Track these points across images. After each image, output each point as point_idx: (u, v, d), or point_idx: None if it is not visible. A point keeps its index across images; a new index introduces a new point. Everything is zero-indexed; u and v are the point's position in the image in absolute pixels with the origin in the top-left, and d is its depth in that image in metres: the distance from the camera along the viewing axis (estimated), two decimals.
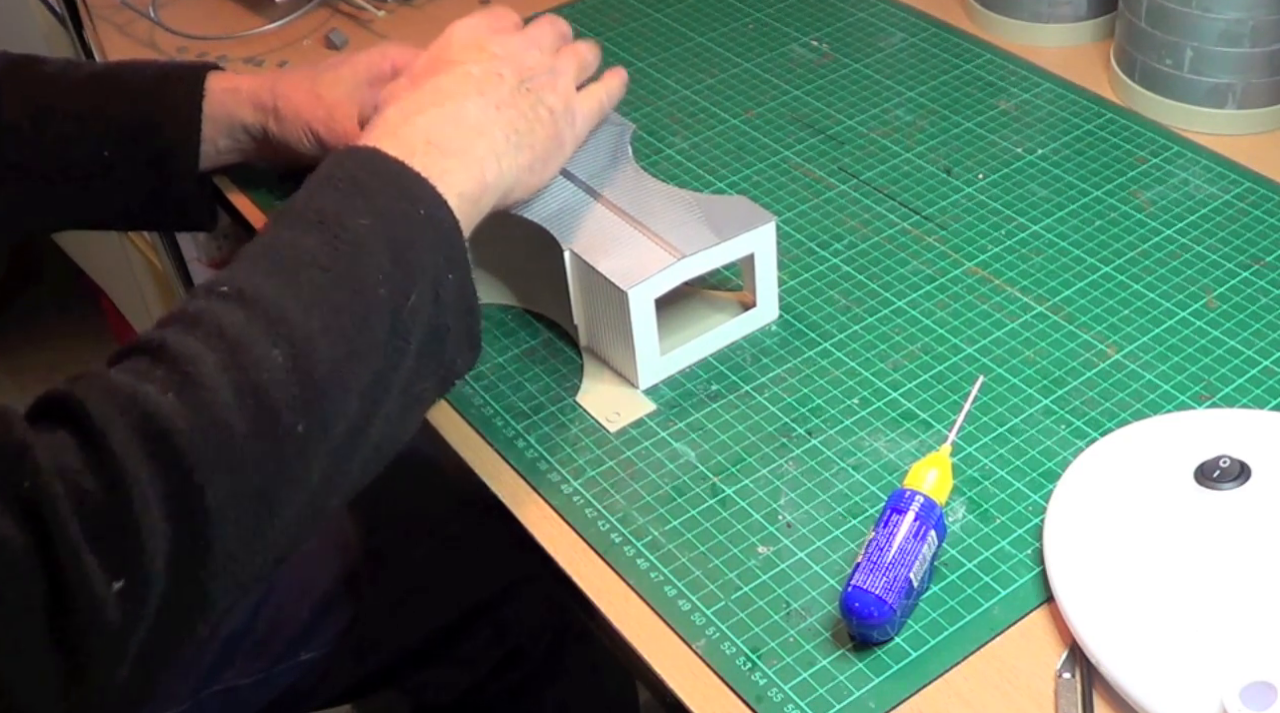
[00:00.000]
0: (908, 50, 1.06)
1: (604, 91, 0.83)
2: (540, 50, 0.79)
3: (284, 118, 0.89)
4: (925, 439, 0.74)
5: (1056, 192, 0.90)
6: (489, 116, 0.73)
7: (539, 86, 0.77)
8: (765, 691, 0.63)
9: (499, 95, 0.74)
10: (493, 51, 0.76)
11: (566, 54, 0.81)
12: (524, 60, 0.77)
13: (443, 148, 0.70)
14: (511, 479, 0.75)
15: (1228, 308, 0.80)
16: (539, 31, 0.81)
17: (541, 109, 0.76)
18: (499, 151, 0.73)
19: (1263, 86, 0.92)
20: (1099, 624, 0.62)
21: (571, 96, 0.79)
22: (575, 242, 0.78)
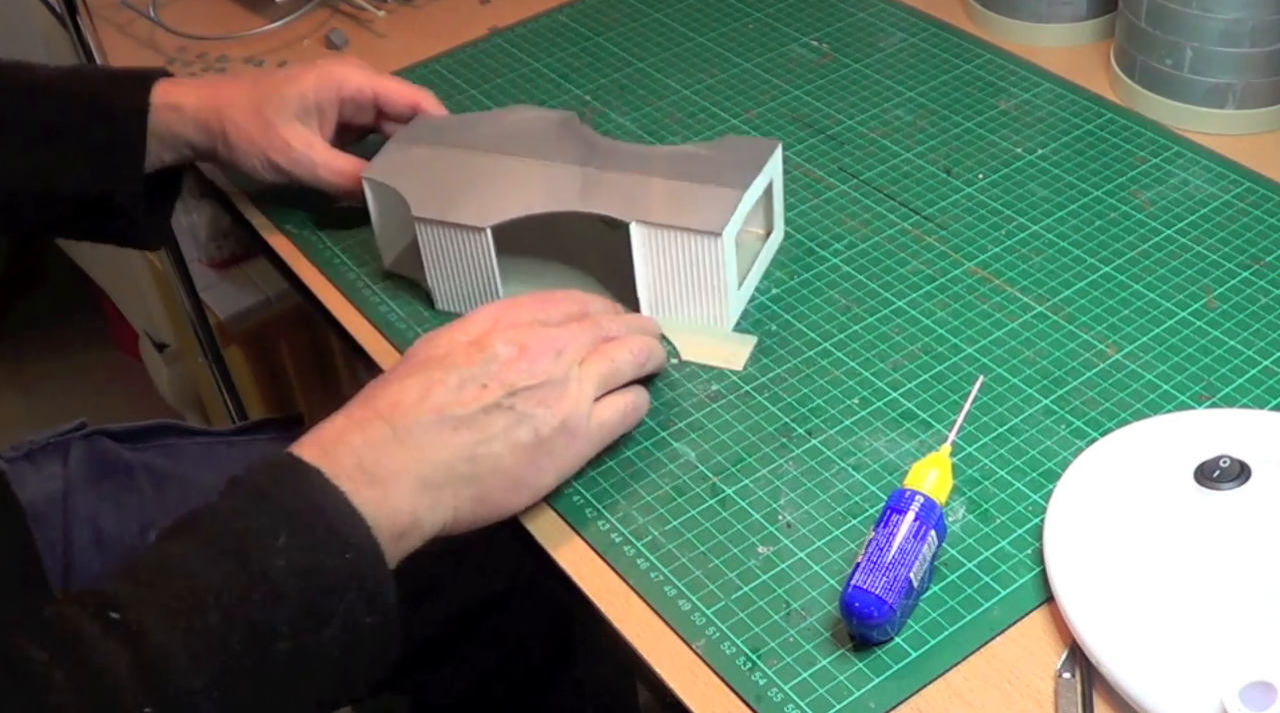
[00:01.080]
0: (908, 50, 1.06)
1: (631, 399, 0.73)
2: (565, 352, 0.70)
3: (235, 146, 0.88)
4: (925, 439, 0.74)
5: (1056, 192, 0.90)
6: (439, 438, 0.66)
7: (534, 401, 0.68)
8: (765, 691, 0.63)
9: (463, 413, 0.66)
10: (495, 351, 0.68)
11: (601, 357, 0.72)
12: (532, 366, 0.68)
13: (373, 474, 0.63)
14: None
15: (1228, 308, 0.80)
16: (572, 332, 0.71)
17: (520, 431, 0.67)
18: (441, 481, 0.65)
19: (1263, 86, 0.92)
20: (1099, 624, 0.62)
21: (580, 413, 0.70)
22: (632, 214, 0.79)
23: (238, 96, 0.89)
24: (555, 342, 0.70)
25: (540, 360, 0.68)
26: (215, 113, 0.88)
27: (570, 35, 1.13)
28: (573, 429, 0.69)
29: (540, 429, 0.68)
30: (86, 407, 1.57)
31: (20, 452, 0.91)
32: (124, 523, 0.89)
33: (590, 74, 1.08)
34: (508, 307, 0.72)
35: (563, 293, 0.75)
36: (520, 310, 0.72)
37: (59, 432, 0.93)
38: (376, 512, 0.62)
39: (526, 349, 0.68)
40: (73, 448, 0.92)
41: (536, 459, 0.68)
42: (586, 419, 0.70)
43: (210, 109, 0.88)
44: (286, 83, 0.88)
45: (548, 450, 0.68)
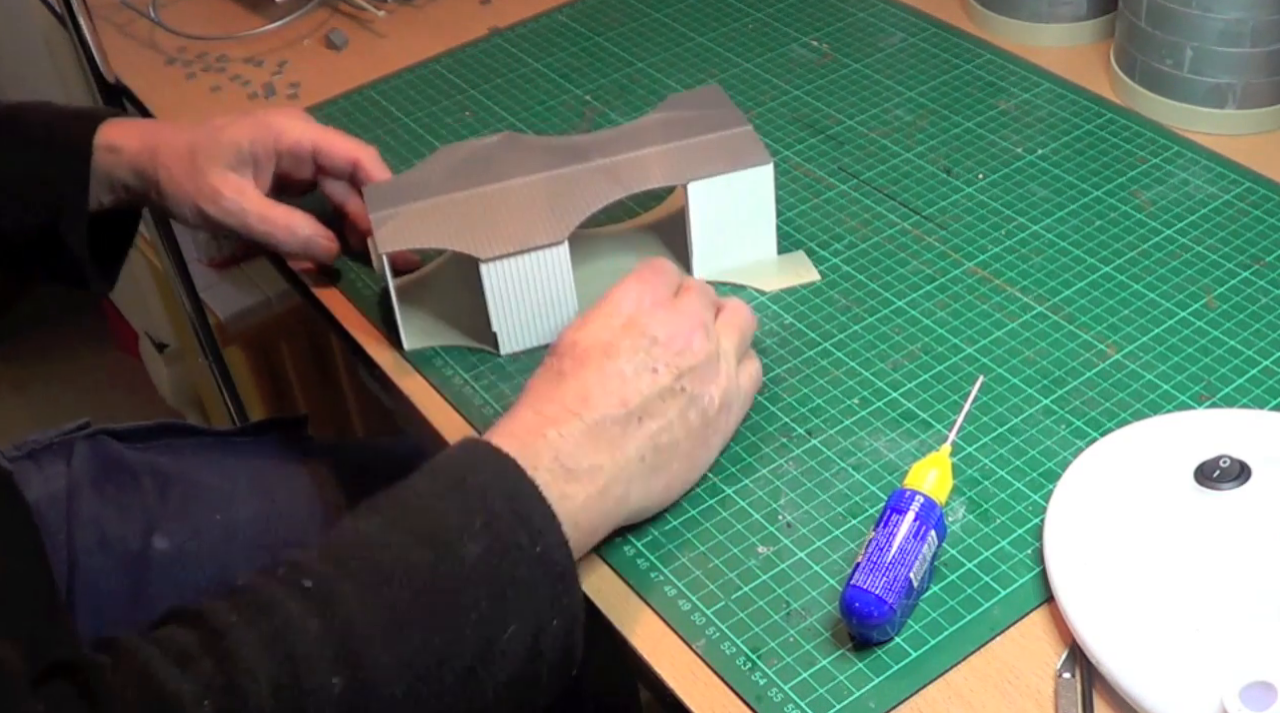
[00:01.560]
0: (908, 50, 1.06)
1: (757, 364, 0.75)
2: (707, 326, 0.71)
3: (165, 192, 0.87)
4: (925, 439, 0.74)
5: (1056, 192, 0.90)
6: (627, 431, 0.66)
7: (698, 381, 0.69)
8: (765, 691, 0.63)
9: (644, 402, 0.67)
10: (653, 334, 0.69)
11: (728, 328, 0.73)
12: (688, 346, 0.69)
13: (569, 467, 0.64)
14: None
15: (1228, 308, 0.80)
16: (699, 304, 0.72)
17: (693, 413, 0.69)
18: (631, 474, 0.66)
19: (1263, 86, 0.92)
20: (1099, 624, 0.62)
21: (732, 385, 0.71)
22: (681, 177, 0.82)
23: (175, 142, 0.87)
24: (694, 318, 0.70)
25: (692, 339, 0.69)
26: (150, 157, 0.87)
27: (570, 35, 1.13)
28: (729, 402, 0.71)
29: (707, 409, 0.69)
30: (87, 407, 1.57)
31: (23, 452, 0.91)
32: (127, 523, 0.89)
33: (590, 74, 1.08)
34: (631, 288, 0.71)
35: (655, 264, 0.74)
36: (643, 289, 0.71)
37: (62, 431, 0.93)
38: (573, 508, 0.64)
39: (679, 331, 0.69)
40: (76, 448, 0.92)
41: (707, 437, 0.70)
42: (739, 390, 0.72)
43: (146, 153, 0.87)
44: (222, 130, 0.87)
45: (715, 427, 0.70)
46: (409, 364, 0.83)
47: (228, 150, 0.86)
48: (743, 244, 0.86)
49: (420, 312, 0.85)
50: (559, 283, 0.80)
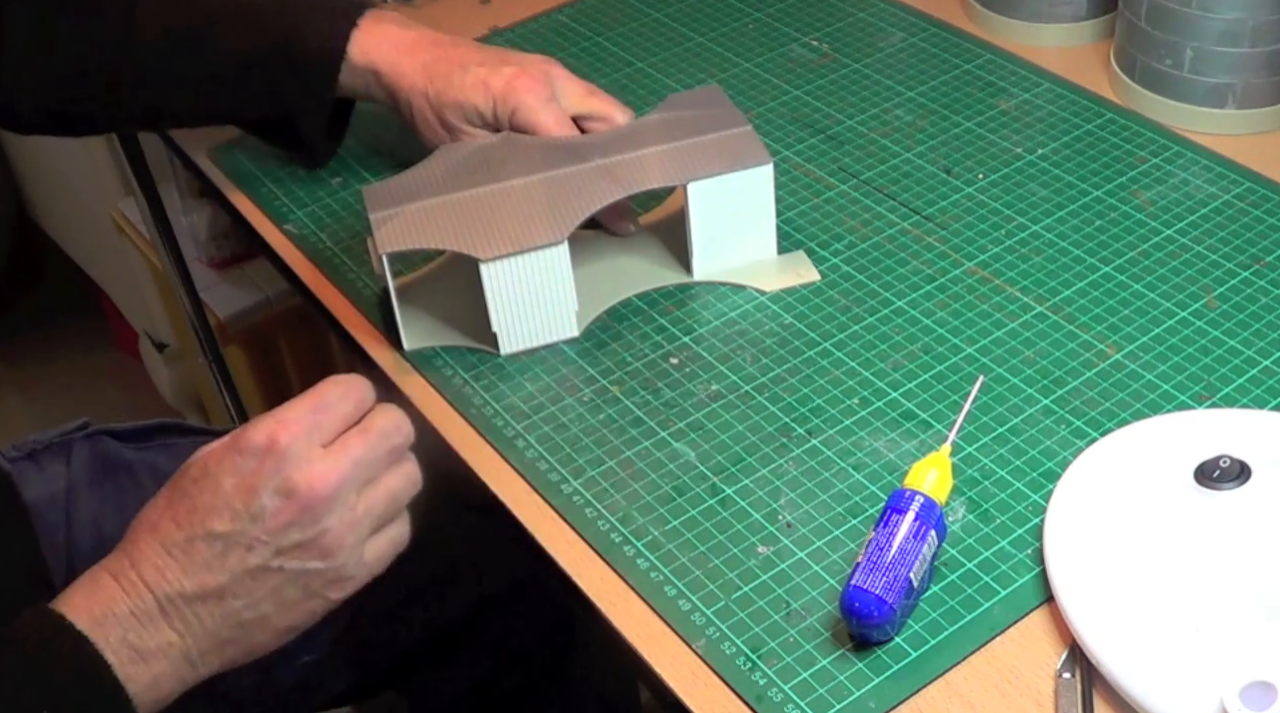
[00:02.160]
0: (908, 50, 1.06)
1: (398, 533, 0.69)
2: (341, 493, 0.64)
3: (419, 125, 0.92)
4: (925, 439, 0.74)
5: (1056, 192, 0.90)
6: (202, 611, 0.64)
7: (306, 556, 0.64)
8: (765, 691, 0.63)
9: (226, 581, 0.63)
10: (260, 505, 0.63)
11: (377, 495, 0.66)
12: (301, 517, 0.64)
13: (137, 649, 0.63)
14: (511, 479, 0.75)
15: (1228, 308, 0.80)
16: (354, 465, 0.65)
17: (288, 590, 0.65)
18: (202, 650, 0.65)
19: (1263, 86, 0.92)
20: (1099, 624, 0.62)
21: (354, 558, 0.66)
22: (680, 177, 0.82)
23: (426, 83, 0.91)
24: (330, 479, 0.64)
25: (312, 508, 0.64)
26: (407, 89, 0.91)
27: (570, 35, 1.13)
28: (348, 576, 0.66)
29: (310, 583, 0.65)
30: (86, 406, 1.57)
31: (23, 452, 0.91)
32: (126, 523, 0.89)
33: (590, 74, 1.07)
34: (280, 424, 0.65)
35: (338, 389, 0.67)
36: (294, 428, 0.65)
37: (62, 432, 0.93)
38: (140, 687, 0.63)
39: (296, 496, 0.63)
40: (75, 448, 0.92)
41: (306, 606, 0.66)
42: (360, 562, 0.66)
43: (401, 81, 0.91)
44: (469, 92, 0.89)
45: (319, 597, 0.66)
46: (409, 364, 0.83)
47: (470, 113, 0.89)
48: (743, 244, 0.86)
49: (420, 312, 0.85)
50: (559, 283, 0.80)
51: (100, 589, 0.64)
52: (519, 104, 0.88)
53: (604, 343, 0.83)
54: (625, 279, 0.87)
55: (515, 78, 0.89)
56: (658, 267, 0.87)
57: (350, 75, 0.92)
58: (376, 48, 0.91)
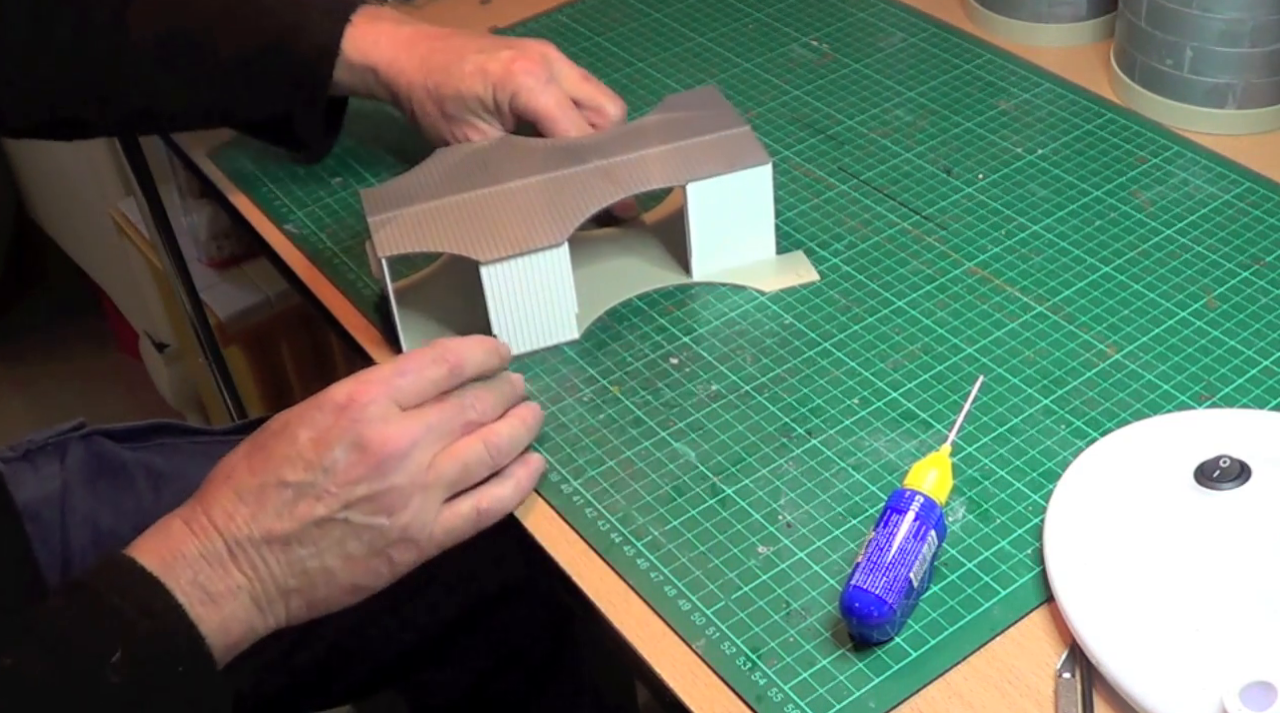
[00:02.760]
0: (908, 50, 1.06)
1: (474, 510, 0.70)
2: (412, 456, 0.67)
3: (419, 119, 0.91)
4: (925, 439, 0.74)
5: (1056, 192, 0.90)
6: (269, 557, 0.66)
7: (371, 511, 0.66)
8: (765, 691, 0.63)
9: (294, 529, 0.65)
10: (333, 458, 0.66)
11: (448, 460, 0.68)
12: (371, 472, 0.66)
13: (209, 592, 0.64)
14: None
15: (1228, 308, 0.80)
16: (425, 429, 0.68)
17: (352, 544, 0.66)
18: (269, 596, 0.66)
19: (1263, 86, 0.92)
20: (1099, 624, 0.62)
21: (420, 521, 0.68)
22: (679, 178, 0.82)
23: (424, 77, 0.90)
24: (402, 439, 0.66)
25: (383, 465, 0.66)
26: (406, 88, 0.90)
27: (570, 35, 1.13)
28: (413, 538, 0.68)
29: (375, 541, 0.67)
30: (86, 407, 1.57)
31: (18, 452, 0.91)
32: (122, 523, 0.89)
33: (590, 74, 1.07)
34: (361, 385, 0.68)
35: (431, 354, 0.70)
36: (374, 389, 0.67)
37: (57, 432, 0.93)
38: (211, 628, 0.64)
39: (368, 451, 0.66)
40: (71, 448, 0.92)
41: (373, 566, 0.68)
42: (429, 527, 0.68)
43: (400, 77, 0.90)
44: (464, 80, 0.88)
45: (385, 558, 0.68)
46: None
47: (471, 102, 0.88)
48: (742, 244, 0.86)
49: (419, 315, 0.85)
50: (559, 284, 0.80)
51: (171, 534, 0.66)
52: (518, 87, 0.87)
53: (604, 343, 0.83)
54: (625, 280, 0.87)
55: (512, 61, 0.88)
56: (657, 267, 0.87)
57: (347, 73, 0.91)
58: (373, 45, 0.91)
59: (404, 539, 0.68)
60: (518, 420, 0.73)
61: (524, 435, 0.73)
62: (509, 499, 0.71)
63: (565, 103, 0.88)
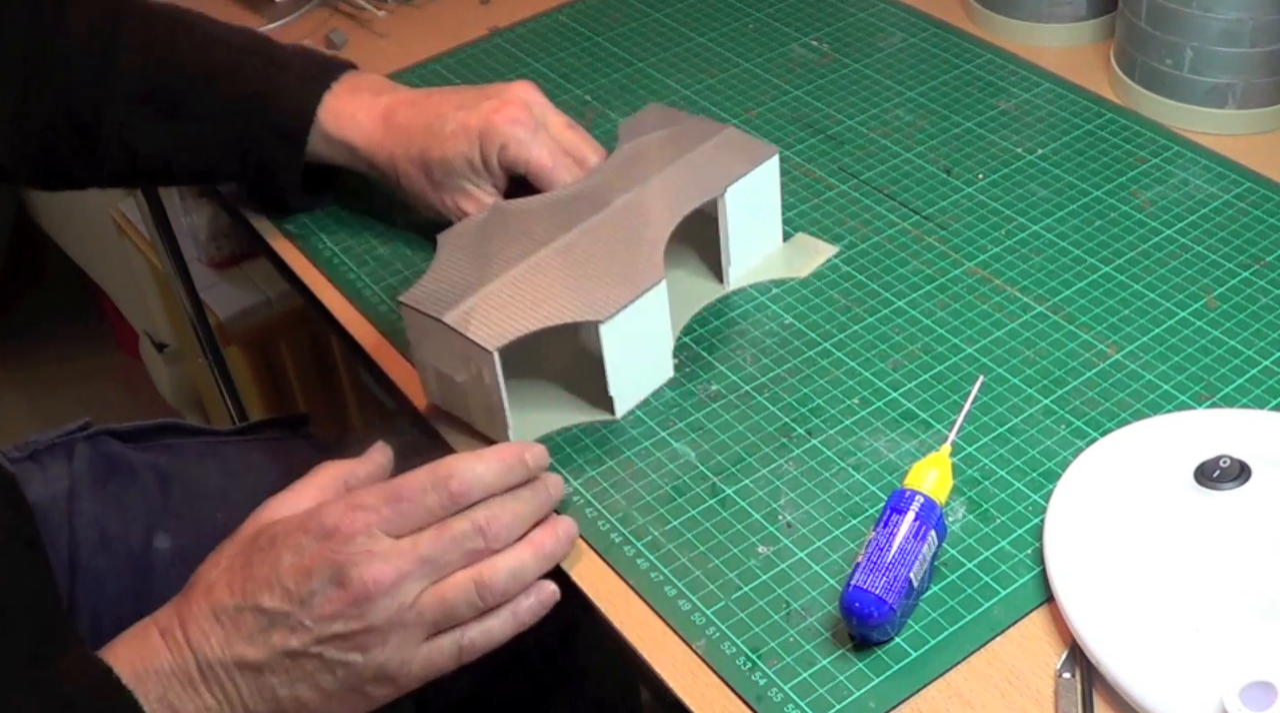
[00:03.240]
0: (908, 50, 1.06)
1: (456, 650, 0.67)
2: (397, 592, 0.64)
3: (405, 190, 0.89)
4: (925, 439, 0.74)
5: (1056, 192, 0.90)
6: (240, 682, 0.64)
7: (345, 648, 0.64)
8: (765, 691, 0.63)
9: (266, 658, 0.64)
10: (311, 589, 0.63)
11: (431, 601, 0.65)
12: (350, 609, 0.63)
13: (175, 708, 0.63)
14: None
15: (1228, 308, 0.80)
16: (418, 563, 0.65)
17: (324, 678, 0.65)
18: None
19: (1263, 86, 0.92)
20: (1099, 624, 0.62)
21: (398, 659, 0.65)
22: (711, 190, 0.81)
23: (406, 146, 0.87)
24: (385, 577, 0.63)
25: (360, 603, 0.63)
26: (388, 160, 0.88)
27: (570, 35, 1.13)
28: (389, 675, 0.65)
29: (349, 678, 0.65)
30: (87, 407, 1.57)
31: (25, 452, 0.91)
32: (129, 523, 0.89)
33: (590, 74, 1.08)
34: (351, 510, 0.65)
35: (431, 479, 0.67)
36: (364, 517, 0.65)
37: (63, 432, 0.93)
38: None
39: (347, 588, 0.63)
40: (77, 448, 0.92)
41: (347, 699, 0.66)
42: (408, 665, 0.65)
43: (379, 151, 0.88)
44: (448, 140, 0.85)
45: (359, 693, 0.66)
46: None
47: (459, 165, 0.85)
48: (760, 238, 0.86)
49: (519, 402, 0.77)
50: (661, 323, 0.77)
51: (148, 644, 0.65)
52: (506, 138, 0.84)
53: None
54: (678, 301, 0.82)
55: (495, 112, 0.85)
56: (695, 277, 0.86)
57: (324, 146, 0.89)
58: (350, 120, 0.88)
59: (380, 677, 0.65)
60: (529, 551, 0.67)
61: (532, 568, 0.67)
62: (498, 634, 0.67)
63: (557, 151, 0.86)
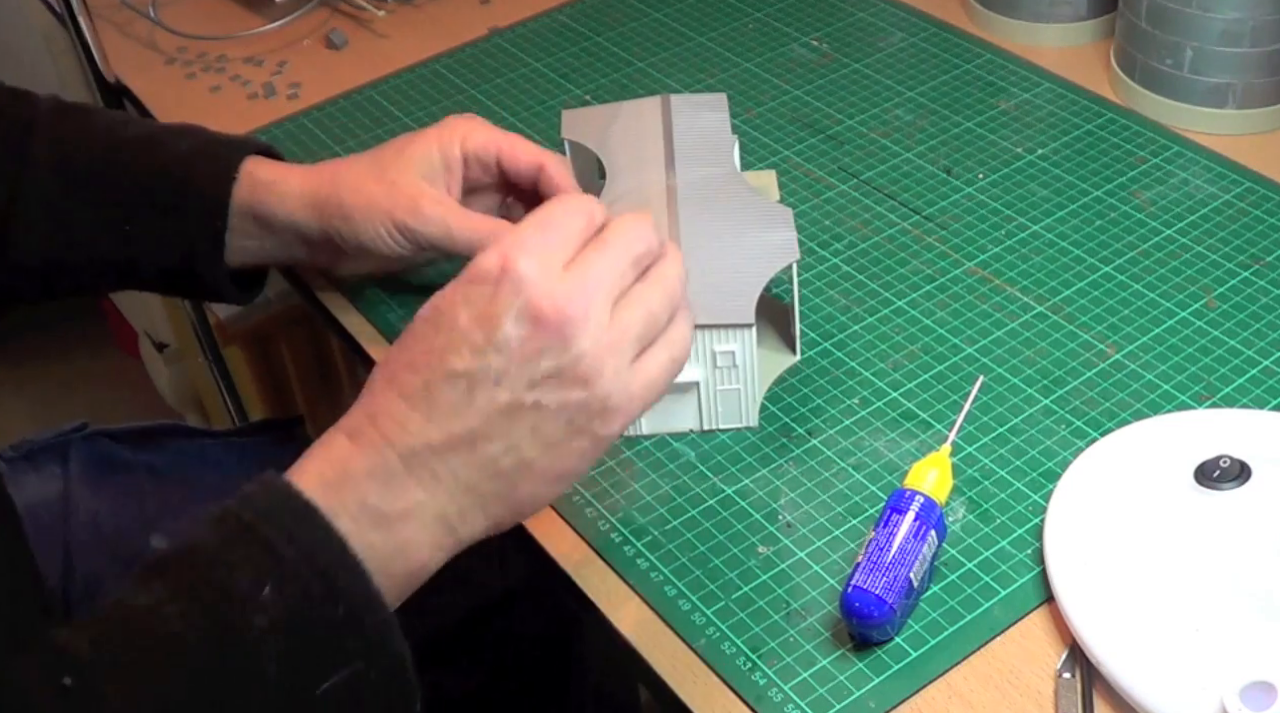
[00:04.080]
0: (908, 50, 1.06)
1: (668, 357, 0.61)
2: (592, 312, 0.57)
3: (355, 215, 0.79)
4: (925, 439, 0.74)
5: (1056, 192, 0.90)
6: (458, 457, 0.57)
7: (558, 388, 0.57)
8: (765, 691, 0.63)
9: (485, 424, 0.57)
10: (504, 334, 0.56)
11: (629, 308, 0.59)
12: (549, 342, 0.56)
13: (382, 513, 0.56)
14: None
15: (1228, 308, 0.80)
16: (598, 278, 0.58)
17: (548, 427, 0.57)
18: (461, 506, 0.58)
19: (1263, 86, 0.92)
20: (1099, 624, 0.62)
21: (618, 385, 0.58)
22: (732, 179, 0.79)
23: (353, 165, 0.81)
24: (576, 298, 0.57)
25: (561, 331, 0.56)
26: (330, 183, 0.80)
27: (570, 35, 1.13)
28: (612, 407, 0.58)
29: (574, 418, 0.57)
30: (86, 407, 1.57)
31: (20, 452, 0.91)
32: (124, 524, 0.89)
33: (590, 74, 1.08)
34: (510, 247, 0.57)
35: (565, 205, 0.60)
36: (527, 247, 0.57)
37: (59, 432, 0.93)
38: (384, 555, 0.56)
39: (542, 320, 0.56)
40: (73, 449, 0.92)
41: (576, 448, 0.58)
42: (629, 388, 0.58)
43: (325, 181, 0.80)
44: (408, 143, 0.81)
45: (588, 435, 0.58)
46: None
47: (419, 161, 0.80)
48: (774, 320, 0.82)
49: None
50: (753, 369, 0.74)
51: (334, 451, 0.57)
52: (465, 130, 0.81)
53: None
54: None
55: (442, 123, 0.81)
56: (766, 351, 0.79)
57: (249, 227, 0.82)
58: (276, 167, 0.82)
59: (604, 410, 0.58)
60: (671, 249, 0.62)
61: (680, 262, 0.62)
62: (688, 341, 0.62)
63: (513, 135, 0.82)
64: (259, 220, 0.82)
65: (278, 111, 1.08)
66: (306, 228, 0.81)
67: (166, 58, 1.17)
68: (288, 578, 0.53)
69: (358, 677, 0.54)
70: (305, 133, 1.04)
